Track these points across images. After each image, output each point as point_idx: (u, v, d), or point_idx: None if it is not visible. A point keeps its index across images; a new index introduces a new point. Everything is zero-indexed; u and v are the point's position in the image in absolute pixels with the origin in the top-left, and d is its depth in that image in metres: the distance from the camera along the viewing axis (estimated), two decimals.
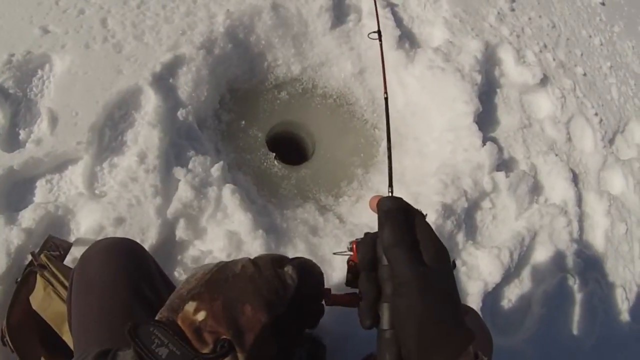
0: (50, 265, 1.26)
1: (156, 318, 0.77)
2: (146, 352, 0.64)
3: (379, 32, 1.01)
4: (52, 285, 1.24)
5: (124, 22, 2.01)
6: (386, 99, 0.83)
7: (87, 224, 1.60)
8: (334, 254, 0.80)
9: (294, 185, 2.13)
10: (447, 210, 1.93)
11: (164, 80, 1.93)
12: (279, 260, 0.86)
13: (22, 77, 1.81)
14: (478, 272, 1.97)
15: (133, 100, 1.86)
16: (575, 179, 2.36)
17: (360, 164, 2.23)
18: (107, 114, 1.79)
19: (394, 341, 0.60)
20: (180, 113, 1.91)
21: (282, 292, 0.78)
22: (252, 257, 0.87)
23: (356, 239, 0.69)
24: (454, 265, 0.66)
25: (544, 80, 2.52)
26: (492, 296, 1.99)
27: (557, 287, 2.10)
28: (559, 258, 2.14)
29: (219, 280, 0.78)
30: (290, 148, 2.34)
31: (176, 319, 0.74)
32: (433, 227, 1.89)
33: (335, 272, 1.77)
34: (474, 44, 2.42)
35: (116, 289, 1.02)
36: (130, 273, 1.05)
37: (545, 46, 2.74)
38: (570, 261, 2.18)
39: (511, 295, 2.06)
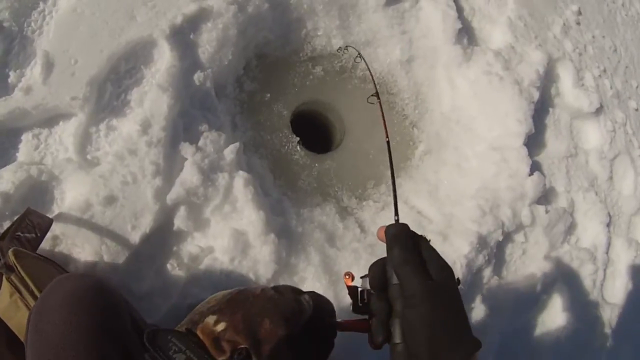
0: (19, 269, 1.01)
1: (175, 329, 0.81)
2: (164, 358, 0.70)
3: (377, 93, 1.04)
4: (20, 293, 0.99)
5: None
6: (388, 142, 0.90)
7: (73, 197, 1.39)
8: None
9: (314, 178, 1.86)
10: (482, 243, 1.73)
11: (183, 35, 1.65)
12: (297, 289, 0.95)
13: (20, 8, 1.53)
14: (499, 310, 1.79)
15: (144, 54, 1.59)
16: (609, 222, 2.17)
17: None
18: (112, 67, 1.53)
19: (406, 354, 0.63)
20: (197, 77, 1.64)
21: (298, 314, 0.86)
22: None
23: (347, 272, 0.75)
24: (459, 282, 0.68)
25: (599, 110, 2.28)
26: (505, 337, 1.84)
27: (568, 337, 1.96)
28: (576, 306, 2.00)
29: (240, 299, 0.86)
30: (316, 132, 2.06)
31: (195, 330, 0.79)
32: (464, 260, 1.68)
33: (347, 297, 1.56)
34: (536, 55, 2.14)
35: (78, 356, 0.81)
36: (97, 337, 0.85)
37: (605, 71, 2.48)
38: (586, 311, 2.04)
39: (522, 338, 1.90)
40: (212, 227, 1.50)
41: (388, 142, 0.90)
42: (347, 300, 1.62)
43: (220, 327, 0.79)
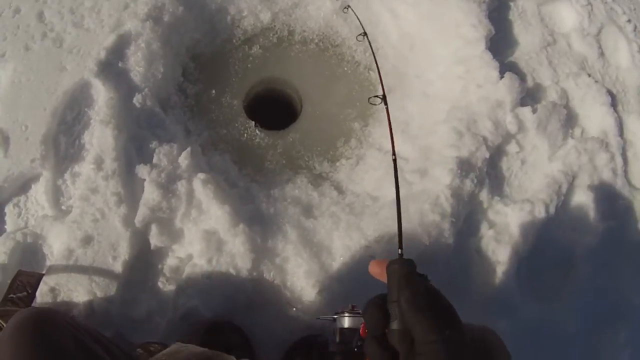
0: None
1: None
2: None
3: (384, 96, 0.92)
4: None
5: (61, 10, 1.77)
6: (395, 160, 0.81)
7: (57, 248, 1.47)
8: (318, 319, 0.80)
9: (281, 155, 1.83)
10: (464, 167, 1.61)
11: (111, 67, 1.70)
12: None
13: None
14: (509, 234, 1.65)
15: (84, 97, 1.66)
16: (613, 101, 1.95)
17: (357, 116, 1.90)
18: (59, 119, 1.60)
19: None
20: (137, 99, 1.67)
21: None
22: None
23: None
24: (426, 278, 0.63)
25: None
26: (527, 260, 1.67)
27: (602, 240, 1.74)
28: (602, 203, 1.78)
29: None
30: (275, 111, 2.02)
31: None
32: (448, 191, 1.55)
33: (335, 262, 1.51)
34: None
35: None
36: None
37: None
38: (615, 205, 1.82)
39: (550, 255, 1.72)
40: (186, 235, 1.52)
41: (394, 160, 0.80)
42: (335, 264, 1.55)
43: None
